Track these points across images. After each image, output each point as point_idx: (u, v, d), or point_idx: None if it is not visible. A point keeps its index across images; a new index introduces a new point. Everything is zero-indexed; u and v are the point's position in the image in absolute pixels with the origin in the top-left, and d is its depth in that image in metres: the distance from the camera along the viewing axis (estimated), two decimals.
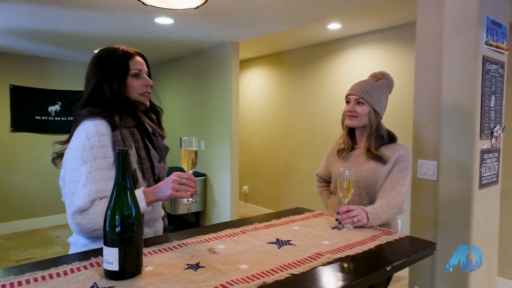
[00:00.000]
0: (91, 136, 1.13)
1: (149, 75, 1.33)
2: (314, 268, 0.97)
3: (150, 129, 1.28)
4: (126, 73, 1.23)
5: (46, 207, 4.77)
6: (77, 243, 1.19)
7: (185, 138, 1.19)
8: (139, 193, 1.13)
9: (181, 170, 1.22)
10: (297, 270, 0.94)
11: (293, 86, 4.63)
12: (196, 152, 1.20)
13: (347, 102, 1.64)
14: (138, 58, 1.27)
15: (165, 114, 5.34)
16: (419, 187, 2.09)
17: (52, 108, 4.76)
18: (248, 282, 0.87)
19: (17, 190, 4.61)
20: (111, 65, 1.22)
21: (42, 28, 3.38)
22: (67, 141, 1.21)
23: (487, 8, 1.84)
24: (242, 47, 4.27)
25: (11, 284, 0.84)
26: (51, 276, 0.89)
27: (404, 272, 2.69)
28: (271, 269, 0.95)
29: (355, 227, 1.32)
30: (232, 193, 4.08)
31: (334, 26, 3.54)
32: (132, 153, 1.19)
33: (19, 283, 0.85)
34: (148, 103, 1.31)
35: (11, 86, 4.54)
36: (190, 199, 1.17)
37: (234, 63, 4.00)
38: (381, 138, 1.60)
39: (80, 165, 1.11)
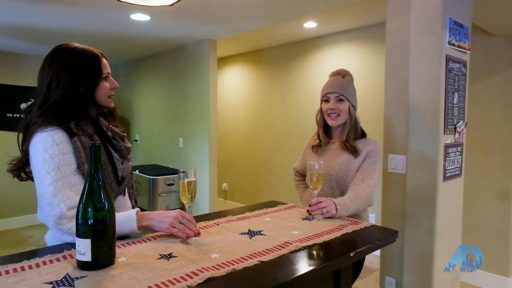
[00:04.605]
0: (49, 147, 1.08)
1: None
2: (283, 255, 1.01)
3: (110, 134, 1.24)
4: (100, 76, 1.20)
5: (19, 207, 4.64)
6: (55, 237, 1.17)
7: (182, 169, 1.19)
8: (132, 214, 1.10)
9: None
10: (266, 258, 0.99)
11: (271, 84, 4.69)
12: (195, 182, 1.20)
13: (326, 101, 1.70)
14: (105, 60, 1.25)
15: (143, 112, 5.32)
16: (389, 181, 2.18)
17: (24, 105, 4.64)
18: (218, 269, 0.90)
19: None
20: (84, 68, 1.17)
21: (13, 23, 3.29)
22: (23, 157, 1.16)
23: (450, 10, 1.94)
24: (220, 44, 4.28)
25: None
26: (23, 269, 0.90)
27: (378, 264, 2.80)
28: (241, 257, 0.99)
29: (325, 218, 1.38)
30: (211, 190, 4.10)
31: (310, 24, 3.61)
32: None
33: None
34: (113, 105, 1.29)
35: None
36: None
37: (212, 61, 4.02)
38: (356, 131, 1.69)
39: (44, 177, 1.07)
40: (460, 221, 2.23)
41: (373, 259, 3.46)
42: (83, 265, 0.90)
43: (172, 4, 1.97)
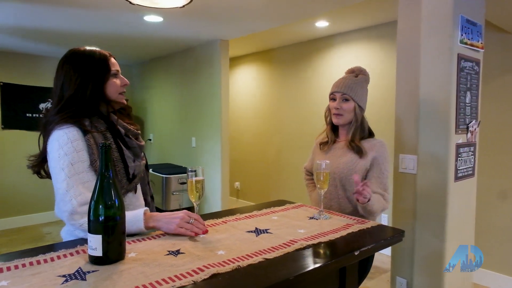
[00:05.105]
0: (64, 144, 1.14)
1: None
2: (287, 253, 1.03)
3: (122, 131, 1.27)
4: (108, 73, 1.26)
5: (37, 204, 4.79)
6: (69, 231, 1.22)
7: (191, 168, 1.23)
8: (139, 214, 1.13)
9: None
10: (270, 255, 1.01)
11: (282, 83, 4.70)
12: (203, 181, 1.24)
13: (333, 99, 1.71)
14: (113, 59, 1.30)
15: (156, 111, 5.41)
16: (400, 181, 2.16)
17: (43, 105, 4.78)
18: (224, 266, 0.93)
19: (8, 187, 4.63)
20: (92, 67, 1.23)
21: (32, 25, 3.40)
22: (41, 153, 1.23)
23: (462, 8, 1.92)
24: (232, 44, 4.32)
25: (1, 269, 0.89)
26: (38, 262, 0.94)
27: (389, 265, 2.78)
28: (247, 254, 1.01)
29: (360, 201, 1.41)
30: (223, 189, 4.14)
31: (322, 23, 3.61)
32: None
33: (8, 268, 0.90)
34: (125, 102, 1.34)
35: (1, 84, 4.54)
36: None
37: (223, 60, 4.05)
38: (363, 131, 1.69)
39: (58, 173, 1.13)
40: (472, 222, 2.20)
41: (384, 259, 3.43)
42: (94, 260, 0.93)
43: (183, 6, 2.00)
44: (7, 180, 4.62)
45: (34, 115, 4.75)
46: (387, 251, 2.98)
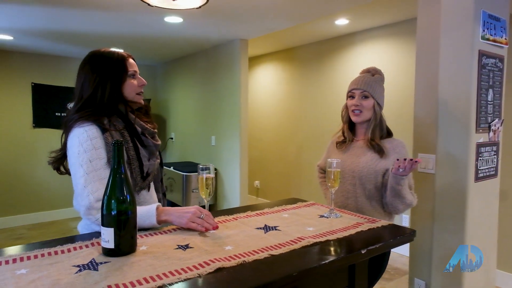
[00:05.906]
0: (84, 141, 1.19)
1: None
2: (294, 250, 1.05)
3: (139, 129, 1.32)
4: (125, 74, 1.30)
5: (66, 200, 5.00)
6: (86, 225, 1.30)
7: (201, 166, 1.26)
8: (152, 209, 1.17)
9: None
10: (277, 252, 1.03)
11: (302, 82, 4.68)
12: (213, 179, 1.27)
13: (351, 96, 1.70)
14: (132, 60, 1.34)
15: (178, 111, 5.51)
16: (419, 180, 2.12)
17: (70, 105, 4.97)
18: (230, 260, 0.95)
19: (39, 183, 4.86)
20: (110, 68, 1.28)
21: (60, 28, 3.55)
22: (61, 149, 1.29)
23: (483, 3, 1.85)
24: (252, 44, 4.34)
25: (21, 258, 0.96)
26: (56, 253, 1.00)
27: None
28: (253, 250, 1.03)
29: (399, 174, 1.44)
30: (242, 187, 4.18)
31: (341, 21, 3.57)
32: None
33: (28, 258, 0.96)
34: (142, 102, 1.38)
35: (32, 84, 4.77)
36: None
37: (243, 60, 4.08)
38: (382, 130, 1.67)
39: (77, 169, 1.18)
40: (495, 223, 2.12)
41: (405, 261, 3.37)
42: (107, 252, 0.98)
43: (200, 7, 2.04)
44: (39, 177, 4.85)
45: (62, 114, 4.95)
46: (407, 252, 2.92)
